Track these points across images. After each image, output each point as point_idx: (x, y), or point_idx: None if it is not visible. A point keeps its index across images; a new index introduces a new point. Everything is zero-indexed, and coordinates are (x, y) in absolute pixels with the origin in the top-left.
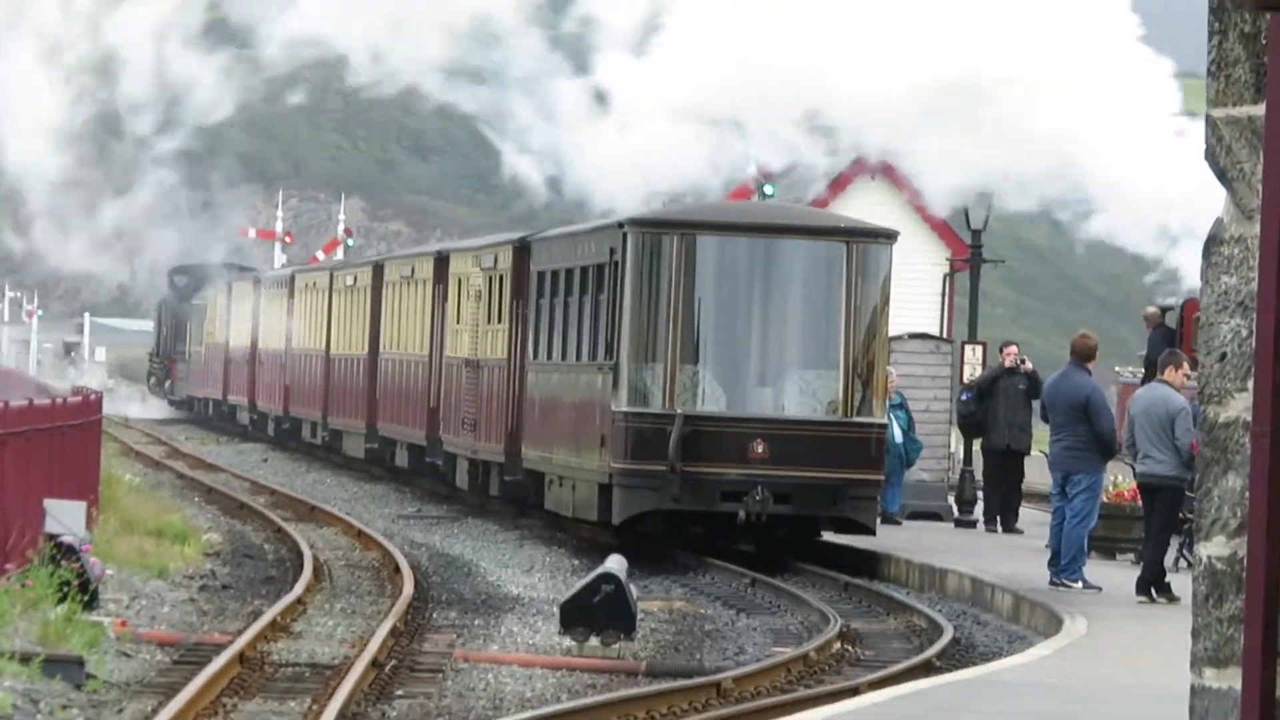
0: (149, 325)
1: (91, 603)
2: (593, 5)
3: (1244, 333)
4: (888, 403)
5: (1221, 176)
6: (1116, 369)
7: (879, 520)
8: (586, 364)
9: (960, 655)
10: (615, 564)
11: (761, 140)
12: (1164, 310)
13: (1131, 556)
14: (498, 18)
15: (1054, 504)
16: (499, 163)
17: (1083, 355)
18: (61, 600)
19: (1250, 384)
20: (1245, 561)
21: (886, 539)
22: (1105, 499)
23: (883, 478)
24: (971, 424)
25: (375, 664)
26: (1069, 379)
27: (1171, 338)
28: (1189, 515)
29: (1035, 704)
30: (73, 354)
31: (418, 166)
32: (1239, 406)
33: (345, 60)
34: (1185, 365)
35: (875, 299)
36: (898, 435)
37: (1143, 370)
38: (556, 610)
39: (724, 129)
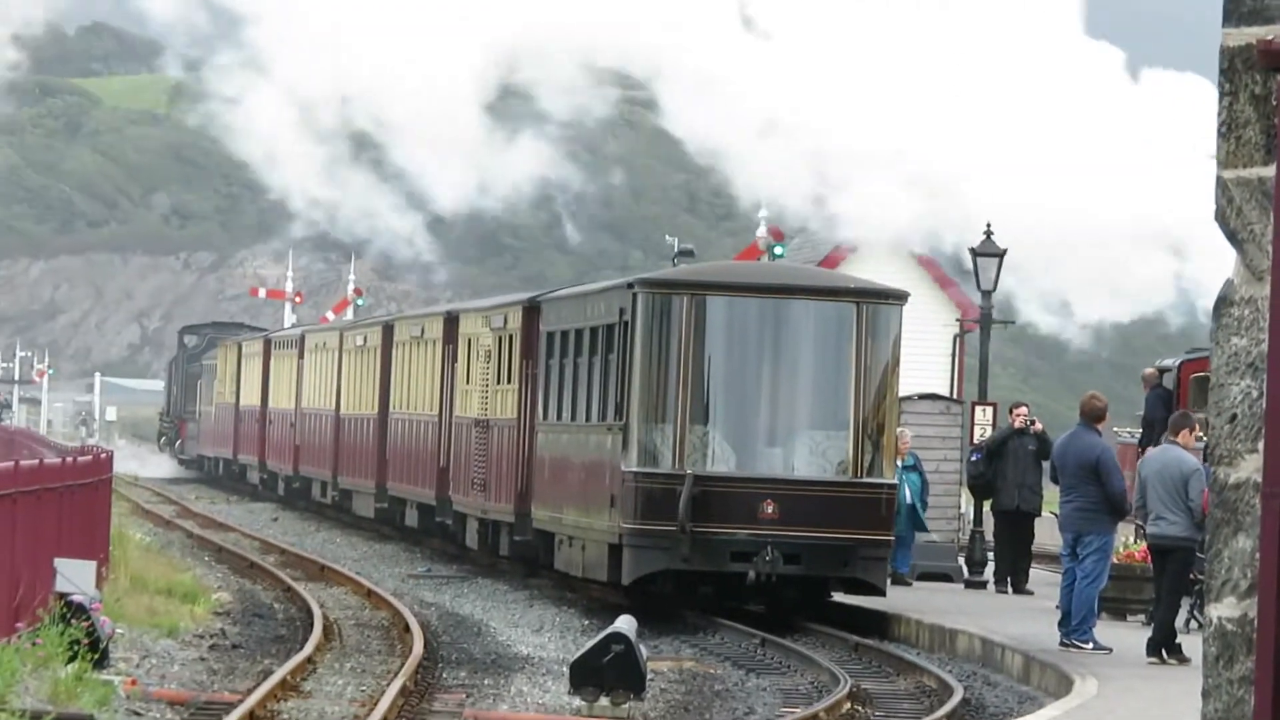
0: (159, 385)
1: (102, 661)
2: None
3: (1254, 394)
4: (899, 464)
5: (1232, 238)
6: (1115, 429)
7: (889, 581)
8: (596, 424)
9: (971, 716)
10: (625, 624)
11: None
12: (1161, 371)
13: (1142, 618)
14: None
15: (1064, 565)
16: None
17: (1092, 416)
18: (72, 659)
19: (1261, 445)
20: (1255, 623)
21: (896, 599)
22: (1115, 560)
23: (892, 538)
24: (981, 485)
25: None
26: (1079, 440)
27: (1169, 399)
28: (1199, 576)
29: None
30: (84, 414)
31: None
32: (1249, 468)
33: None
34: (1197, 427)
35: (885, 359)
36: (908, 497)
37: (1139, 430)
38: (566, 670)
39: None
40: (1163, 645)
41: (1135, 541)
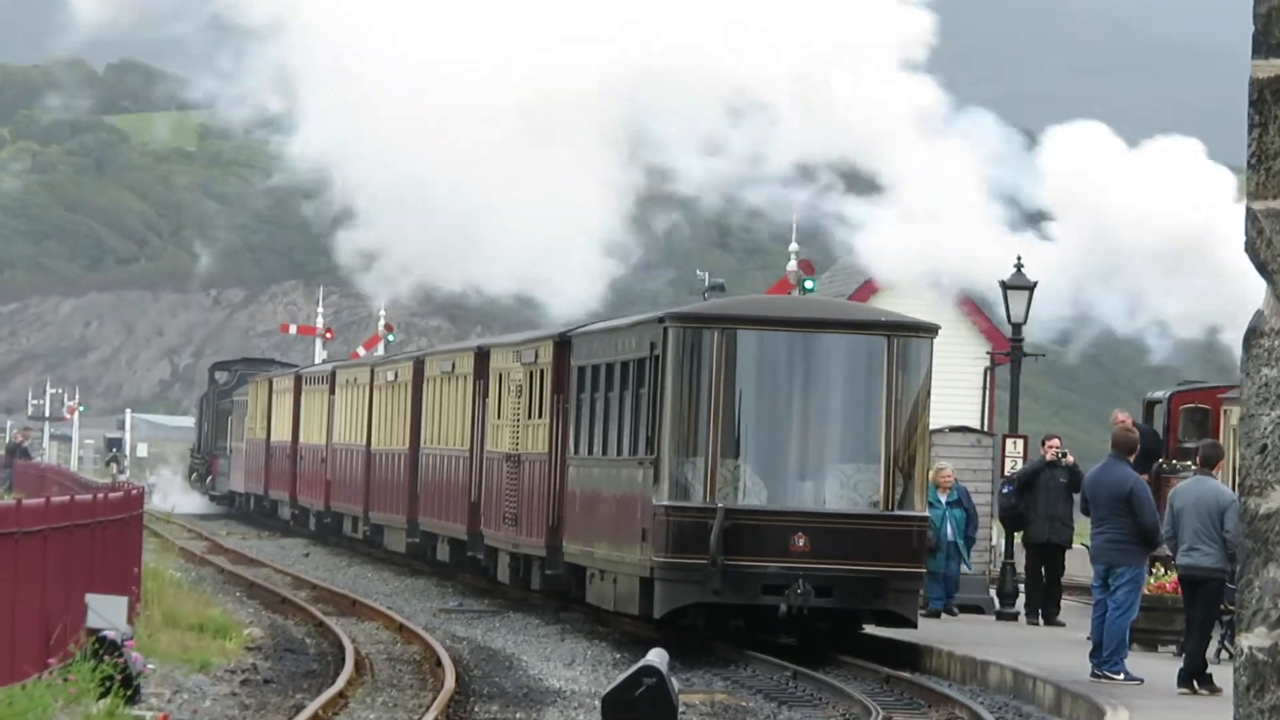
0: (190, 421)
1: (134, 697)
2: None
3: None
4: (943, 499)
5: (1262, 269)
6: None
7: (937, 614)
8: (627, 458)
9: None
10: (657, 657)
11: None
12: (1152, 403)
13: (1173, 648)
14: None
15: (1095, 596)
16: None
17: (1125, 448)
18: (104, 695)
19: None
20: None
21: (928, 631)
22: (1146, 591)
23: (924, 570)
24: (1013, 517)
25: None
26: (1111, 472)
27: (1155, 435)
28: (1230, 607)
29: None
30: (115, 451)
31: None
32: None
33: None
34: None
35: (916, 393)
36: (949, 533)
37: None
38: (598, 703)
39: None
40: (1194, 676)
41: (1165, 573)
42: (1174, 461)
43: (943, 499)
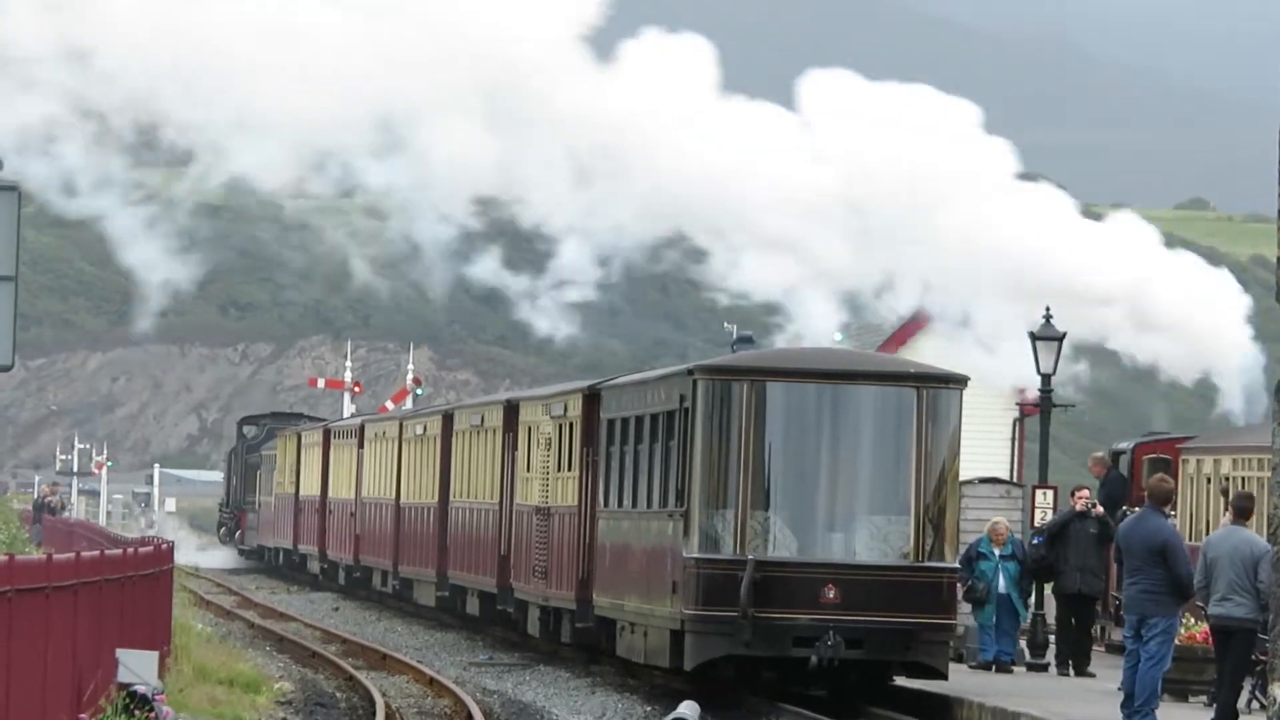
0: (217, 475)
1: None
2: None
3: None
4: (996, 552)
5: None
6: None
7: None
8: (657, 510)
9: None
10: (689, 710)
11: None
12: (1117, 453)
13: (1204, 699)
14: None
15: (1128, 647)
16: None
17: (1159, 499)
18: None
19: None
20: None
21: (959, 683)
22: (1177, 641)
23: (955, 622)
24: (1043, 568)
25: None
26: (1145, 522)
27: (1124, 481)
28: (1262, 657)
29: None
30: (143, 506)
31: (486, 316)
32: None
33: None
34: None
35: (946, 444)
36: (1002, 585)
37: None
38: None
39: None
40: None
41: (1195, 623)
42: (1137, 508)
43: (996, 552)
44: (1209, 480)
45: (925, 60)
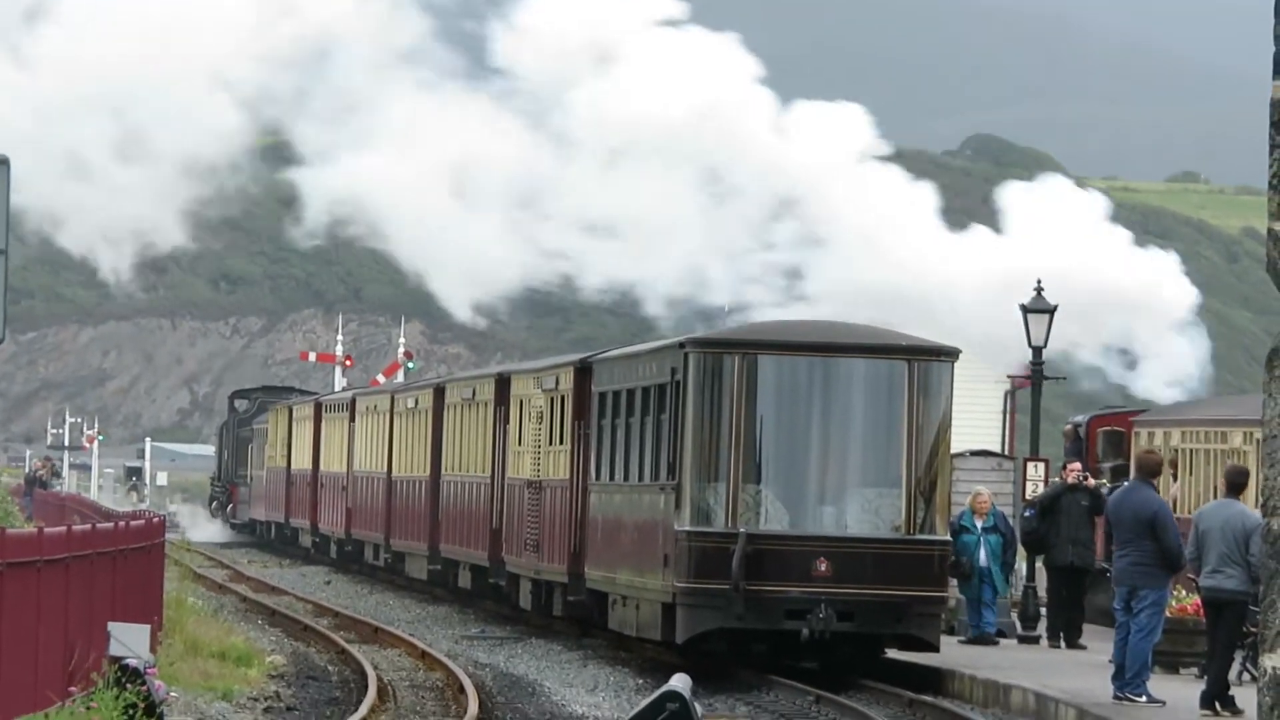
0: (209, 449)
1: None
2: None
3: None
4: (979, 524)
5: None
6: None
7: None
8: (649, 484)
9: None
10: (680, 682)
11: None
12: (1076, 427)
13: (1195, 670)
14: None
15: (1118, 619)
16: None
17: (1148, 471)
18: None
19: None
20: None
21: (950, 655)
22: (1168, 614)
23: (946, 595)
24: (1034, 541)
25: None
26: (1135, 494)
27: (1081, 450)
28: (1253, 629)
29: None
30: (134, 479)
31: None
32: None
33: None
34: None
35: (937, 417)
36: (983, 559)
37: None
38: None
39: None
40: (1216, 697)
41: (1186, 595)
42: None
43: (979, 524)
44: (1160, 451)
45: (918, 35)
